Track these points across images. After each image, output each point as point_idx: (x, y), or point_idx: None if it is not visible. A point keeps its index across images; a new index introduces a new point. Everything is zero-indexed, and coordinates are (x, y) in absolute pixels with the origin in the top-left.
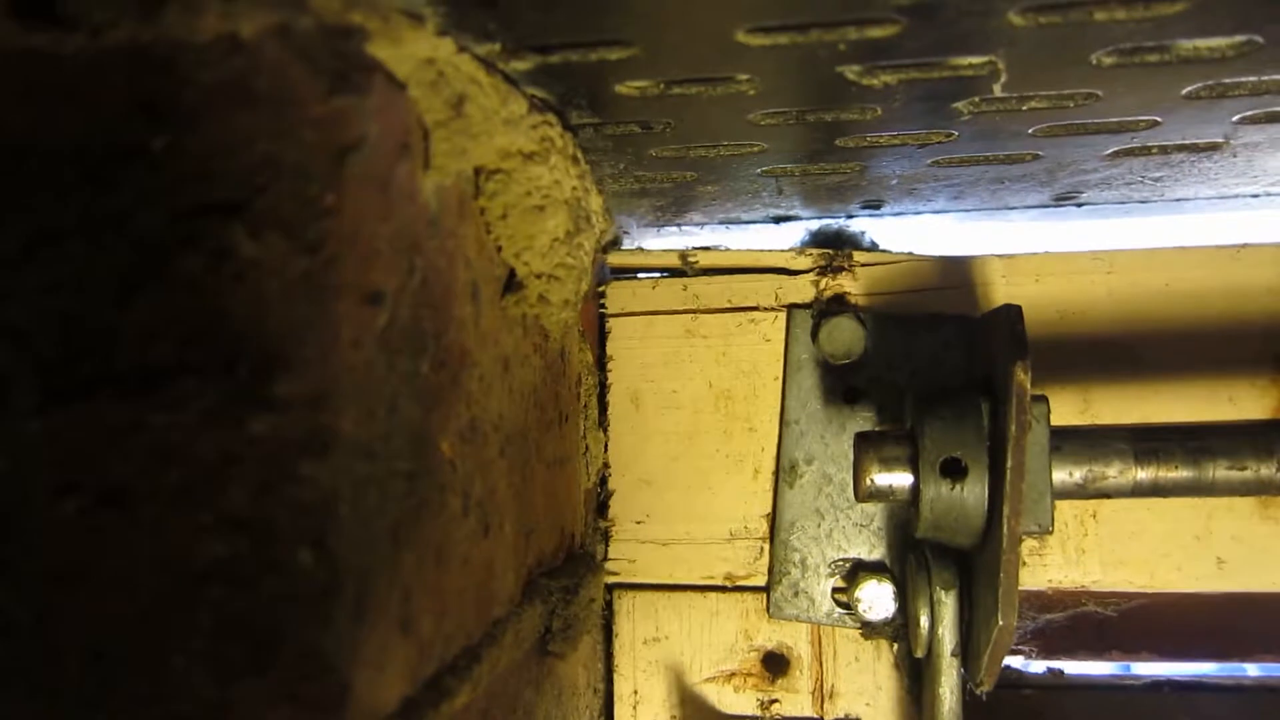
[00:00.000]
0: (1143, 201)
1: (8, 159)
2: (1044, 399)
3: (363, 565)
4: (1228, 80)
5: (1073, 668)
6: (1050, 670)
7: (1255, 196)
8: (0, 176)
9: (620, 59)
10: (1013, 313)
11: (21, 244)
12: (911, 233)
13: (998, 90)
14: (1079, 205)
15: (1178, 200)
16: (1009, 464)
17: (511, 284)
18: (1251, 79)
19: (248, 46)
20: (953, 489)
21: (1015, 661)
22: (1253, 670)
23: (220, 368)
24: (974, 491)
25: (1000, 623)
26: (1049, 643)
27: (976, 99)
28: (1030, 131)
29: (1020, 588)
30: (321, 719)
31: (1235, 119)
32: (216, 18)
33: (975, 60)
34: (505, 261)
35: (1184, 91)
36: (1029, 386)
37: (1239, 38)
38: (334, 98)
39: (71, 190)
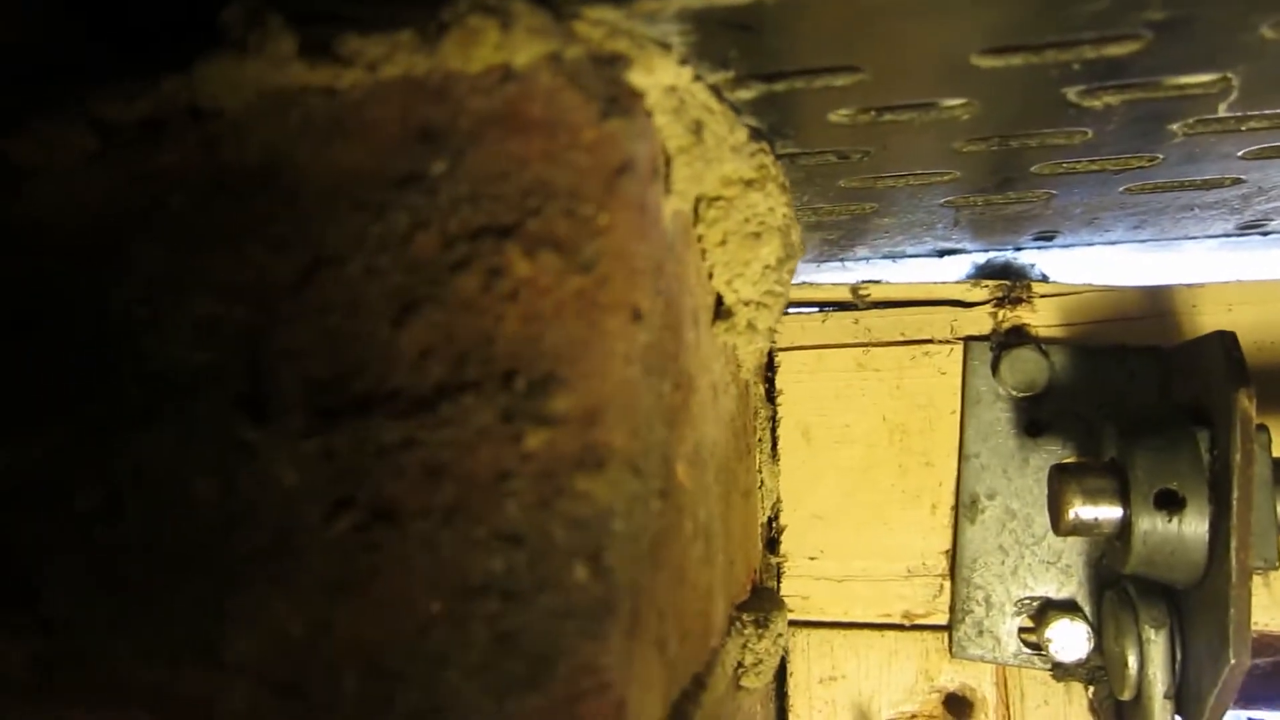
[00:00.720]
0: None
1: (287, 188)
2: (1265, 428)
3: (634, 582)
4: None
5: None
6: None
7: None
8: (280, 205)
9: (845, 84)
10: (1228, 339)
11: (300, 270)
12: (1081, 265)
13: (1222, 109)
14: (1265, 234)
15: None
16: (1235, 495)
17: (720, 311)
18: None
19: (521, 75)
20: (1169, 522)
21: None
22: None
23: (495, 385)
24: (1193, 524)
25: (1233, 661)
26: (1248, 692)
27: (1193, 120)
28: (1240, 154)
29: None
30: None
31: None
32: (491, 49)
33: (1207, 78)
34: (714, 289)
35: None
36: (1253, 414)
37: None
38: (606, 122)
39: (349, 217)
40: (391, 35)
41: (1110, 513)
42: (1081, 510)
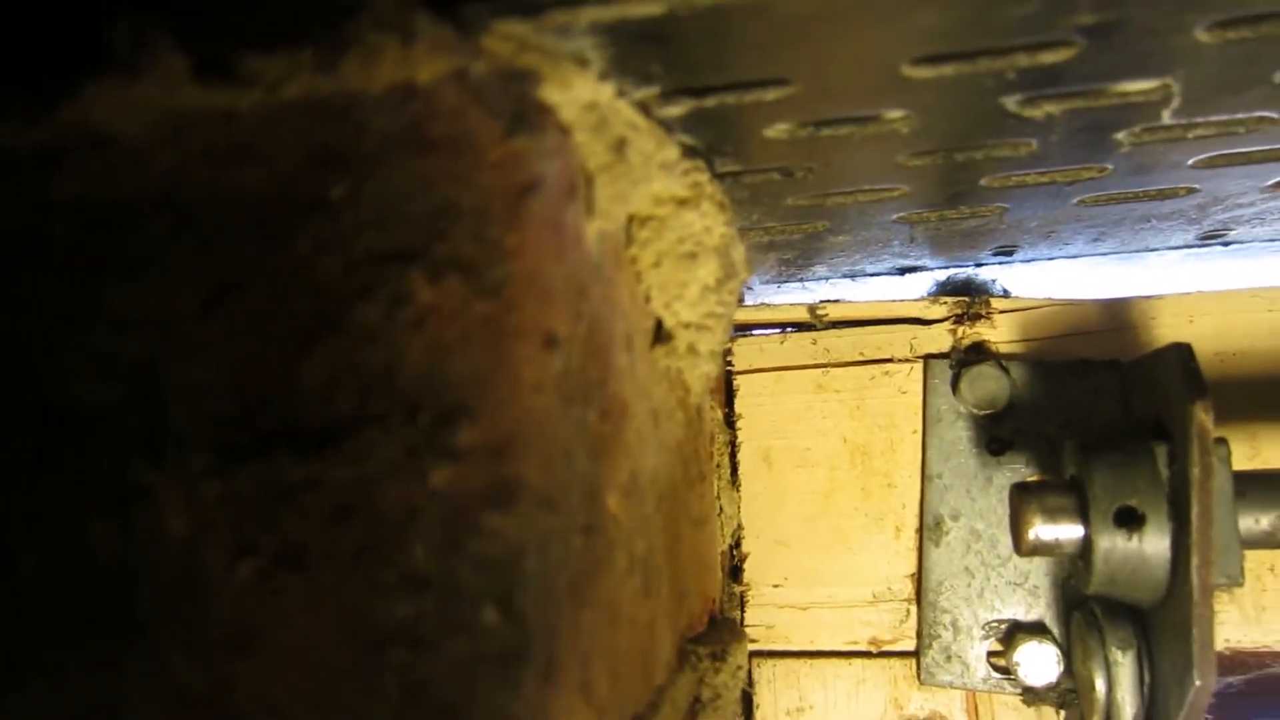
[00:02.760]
0: None
1: (188, 215)
2: (1224, 441)
3: (549, 624)
4: None
5: None
6: None
7: None
8: (181, 233)
9: (776, 99)
10: (1184, 351)
11: (201, 299)
12: (1042, 279)
13: (1166, 116)
14: (1225, 244)
15: None
16: (1194, 510)
17: (660, 335)
18: None
19: (424, 92)
20: (1129, 539)
21: None
22: None
23: (400, 419)
24: (1154, 542)
25: (1198, 682)
26: (1226, 711)
27: (1139, 128)
28: (1190, 163)
29: None
30: None
31: None
32: (393, 66)
33: (1148, 85)
34: (653, 312)
35: None
36: (1210, 427)
37: None
38: (512, 139)
39: (250, 243)
40: (292, 55)
41: (1071, 532)
42: (1042, 530)
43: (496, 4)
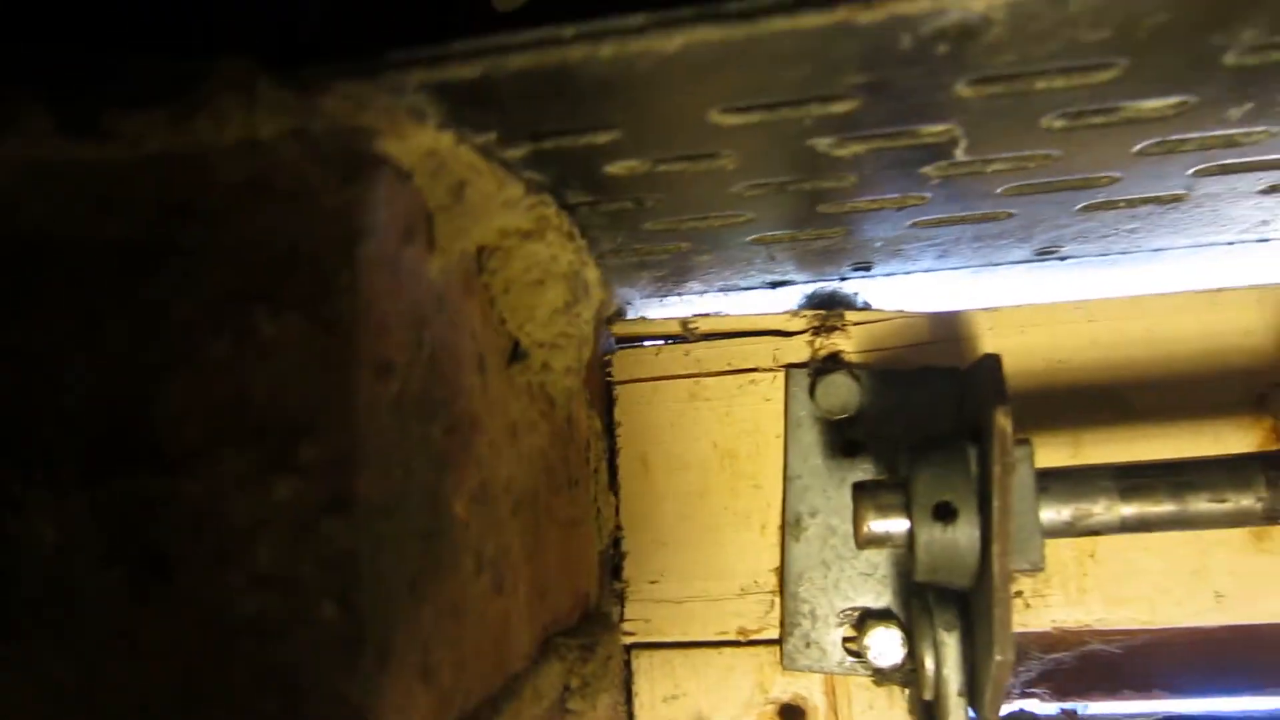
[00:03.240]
0: (1123, 253)
1: (56, 258)
2: (1027, 441)
3: (384, 616)
4: (1174, 137)
5: (1086, 709)
6: (1063, 710)
7: (1229, 244)
8: (50, 273)
9: (607, 142)
10: (992, 361)
11: (72, 334)
12: (906, 292)
13: (960, 154)
14: (1061, 259)
15: (1156, 250)
16: (995, 504)
17: (517, 354)
18: (1196, 135)
19: (267, 148)
20: (945, 531)
21: (1030, 705)
22: (1262, 703)
23: (248, 439)
24: (965, 532)
25: (998, 657)
26: (1061, 685)
27: (943, 163)
28: (999, 191)
29: (1025, 629)
30: None
31: (1190, 172)
32: (239, 124)
33: (935, 129)
34: (509, 333)
35: (1135, 149)
36: (1009, 429)
37: (1174, 99)
38: (345, 189)
39: (114, 283)
40: (149, 113)
41: (899, 525)
42: (875, 524)
43: (336, 67)
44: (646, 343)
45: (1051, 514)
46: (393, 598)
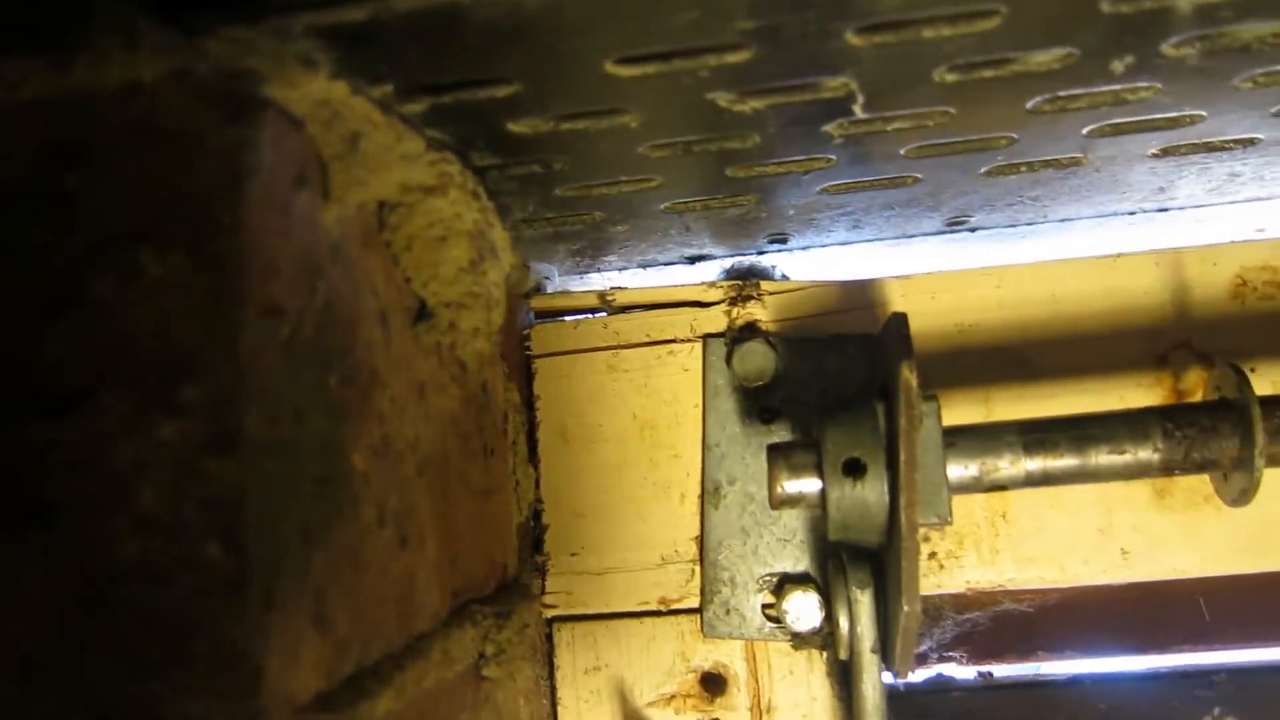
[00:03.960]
0: (1030, 224)
1: None
2: (934, 397)
3: (272, 558)
4: (1064, 93)
5: (1002, 671)
6: (980, 674)
7: (1131, 214)
8: None
9: (506, 96)
10: (899, 319)
11: None
12: (823, 266)
13: (859, 111)
14: (972, 230)
15: (1062, 221)
16: (902, 457)
17: (423, 313)
18: (1083, 90)
19: (150, 90)
20: (854, 487)
21: (947, 669)
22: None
23: (130, 380)
24: (874, 487)
25: (905, 608)
26: (977, 647)
27: (844, 121)
28: (902, 153)
29: (940, 590)
30: (237, 706)
31: (1084, 132)
32: (120, 67)
33: (832, 82)
34: (415, 293)
35: (1029, 105)
36: (915, 383)
37: (1058, 50)
38: (229, 129)
39: None
40: (29, 57)
41: (811, 484)
42: (788, 484)
43: (219, 11)
44: (566, 317)
45: (959, 469)
46: (282, 541)
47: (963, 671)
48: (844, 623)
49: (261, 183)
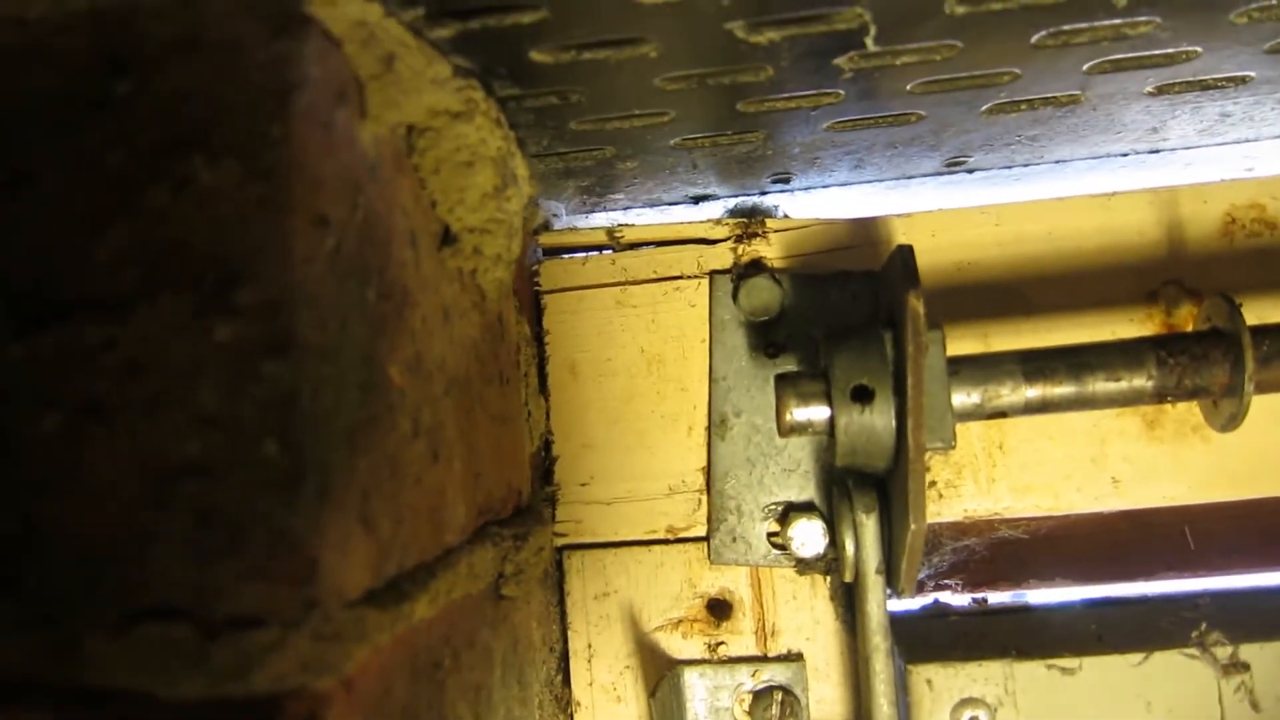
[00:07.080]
0: (1026, 165)
1: None
2: (939, 326)
3: (323, 457)
4: (1068, 27)
5: (995, 599)
6: (974, 600)
7: (1124, 155)
8: None
9: (532, 22)
10: (905, 251)
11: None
12: (824, 206)
13: (870, 44)
14: (970, 171)
15: (1058, 162)
16: (909, 381)
17: (448, 238)
18: (1086, 24)
19: (198, 3)
20: (863, 413)
21: (944, 596)
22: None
23: (187, 284)
24: (882, 412)
25: (912, 526)
26: (973, 575)
27: (855, 54)
28: (909, 88)
29: (939, 518)
30: (293, 592)
31: (1085, 68)
32: None
33: (846, 13)
34: (440, 218)
35: (1033, 40)
36: (922, 311)
37: None
38: (276, 43)
39: (45, 137)
40: None
41: (820, 412)
42: (798, 412)
43: None
44: (574, 254)
45: (962, 396)
46: (332, 442)
47: (958, 599)
48: (850, 546)
49: (307, 97)
